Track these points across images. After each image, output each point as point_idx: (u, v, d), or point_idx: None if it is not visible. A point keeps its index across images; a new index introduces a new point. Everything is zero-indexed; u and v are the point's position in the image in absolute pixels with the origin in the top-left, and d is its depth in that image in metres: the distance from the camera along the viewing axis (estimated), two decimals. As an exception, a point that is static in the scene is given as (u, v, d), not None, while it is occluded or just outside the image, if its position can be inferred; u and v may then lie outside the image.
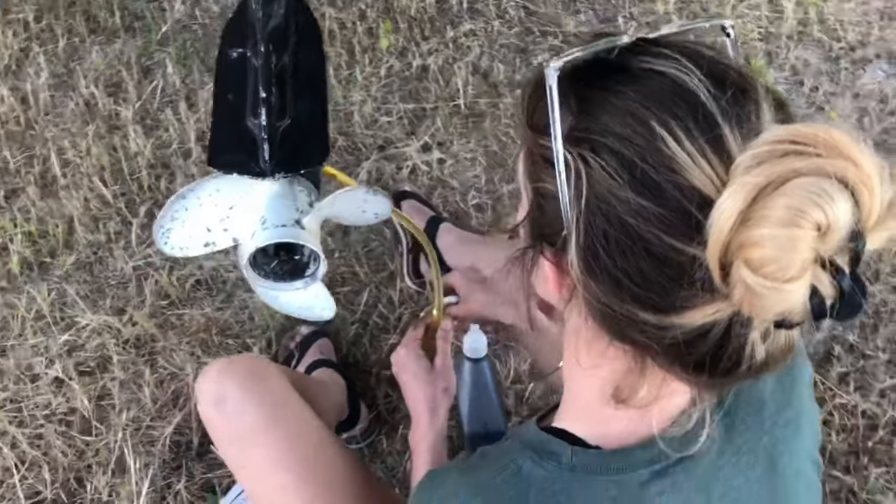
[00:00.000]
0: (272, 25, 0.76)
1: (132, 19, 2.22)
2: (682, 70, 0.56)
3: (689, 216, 0.52)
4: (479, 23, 2.23)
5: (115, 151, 1.89)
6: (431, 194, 1.84)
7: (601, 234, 0.56)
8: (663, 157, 0.54)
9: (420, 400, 1.07)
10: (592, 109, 0.57)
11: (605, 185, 0.55)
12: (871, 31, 2.20)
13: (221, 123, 0.81)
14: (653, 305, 0.55)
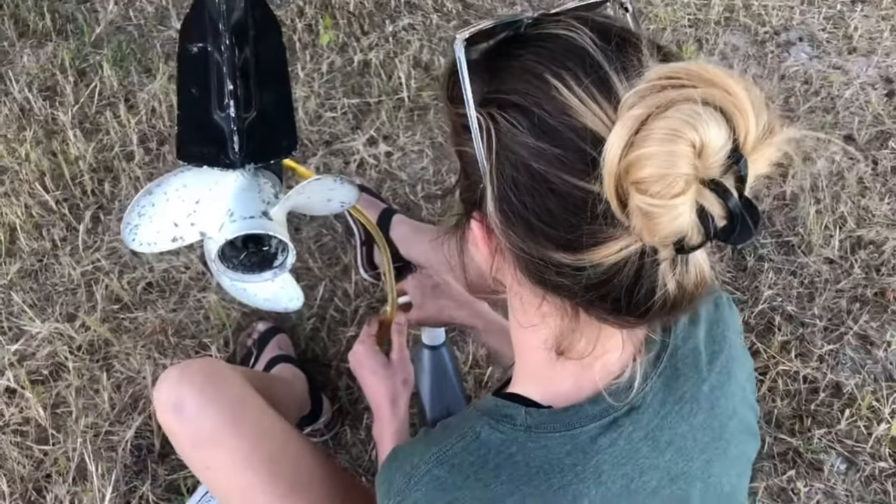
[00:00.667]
0: (234, 19, 0.77)
1: (63, 22, 2.17)
2: (571, 29, 0.61)
3: (585, 154, 0.57)
4: (418, 17, 2.25)
5: (55, 157, 1.85)
6: (381, 187, 1.85)
7: (510, 180, 0.60)
8: (557, 102, 0.59)
9: (380, 394, 1.09)
10: (499, 74, 0.63)
11: (510, 136, 0.60)
12: (794, 16, 2.30)
13: (187, 117, 0.82)
14: (563, 245, 0.60)
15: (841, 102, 2.06)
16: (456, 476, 0.68)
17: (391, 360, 1.12)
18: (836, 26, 2.27)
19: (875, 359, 1.60)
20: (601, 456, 0.69)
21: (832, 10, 2.32)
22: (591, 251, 0.59)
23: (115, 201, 1.80)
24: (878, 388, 1.54)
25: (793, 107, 2.07)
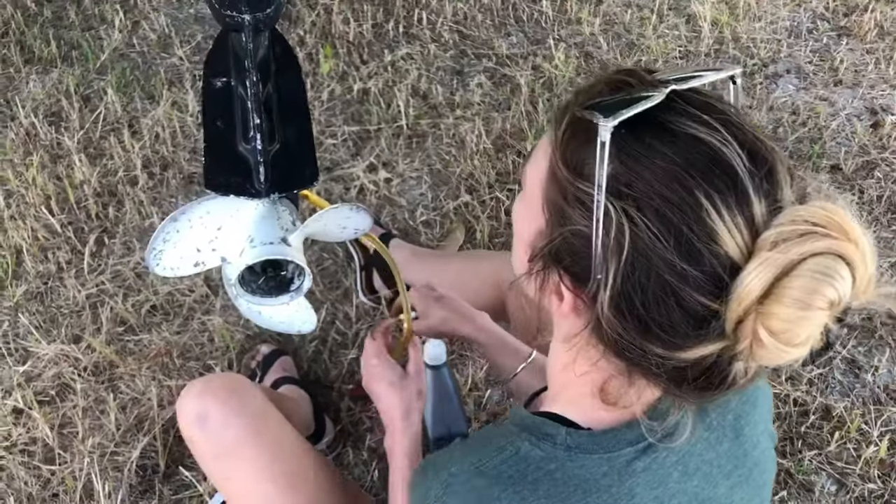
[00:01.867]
0: (259, 56, 0.82)
1: (69, 49, 2.21)
2: (720, 141, 0.62)
3: (721, 280, 0.60)
4: (416, 46, 2.31)
5: (60, 181, 1.88)
6: (380, 213, 1.90)
7: (638, 285, 0.62)
8: (706, 228, 0.60)
9: (394, 406, 1.11)
10: (635, 165, 0.62)
11: (650, 245, 0.61)
12: (781, 49, 2.37)
13: (213, 149, 0.85)
14: (667, 345, 0.63)
15: (828, 133, 2.13)
16: (494, 487, 0.71)
17: (407, 372, 1.14)
18: (822, 59, 2.34)
19: (863, 382, 1.64)
20: (635, 479, 0.72)
21: (818, 43, 2.39)
22: (687, 351, 0.63)
23: (118, 225, 1.83)
24: (867, 412, 1.59)
25: (781, 136, 2.14)
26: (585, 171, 0.63)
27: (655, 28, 2.38)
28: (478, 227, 1.87)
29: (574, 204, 0.64)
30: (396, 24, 2.35)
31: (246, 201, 0.88)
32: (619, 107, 0.62)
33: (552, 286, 0.69)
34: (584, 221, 0.63)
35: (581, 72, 2.27)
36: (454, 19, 2.40)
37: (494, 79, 2.24)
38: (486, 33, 2.37)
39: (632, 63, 2.27)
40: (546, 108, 2.14)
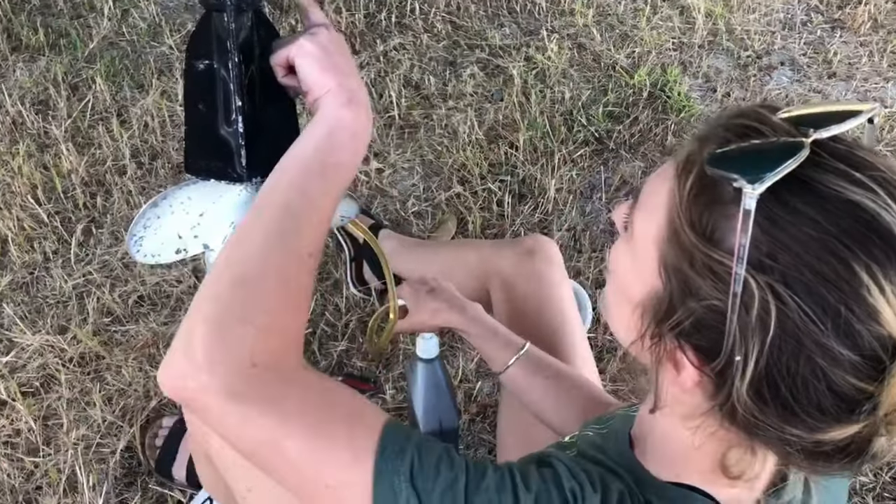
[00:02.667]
0: (241, 37, 0.80)
1: (56, 37, 2.19)
2: (878, 204, 0.54)
3: (880, 362, 0.54)
4: (408, 37, 2.29)
5: (48, 170, 1.86)
6: (372, 203, 1.88)
7: (786, 369, 0.55)
8: (867, 306, 0.53)
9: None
10: (779, 234, 0.54)
11: (802, 327, 0.54)
12: (775, 41, 2.36)
13: (194, 132, 0.84)
14: (813, 428, 0.56)
15: (821, 125, 2.12)
16: None
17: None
18: (816, 51, 2.33)
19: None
20: None
21: (812, 35, 2.38)
22: (829, 433, 0.56)
23: (106, 215, 1.81)
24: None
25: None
26: (717, 237, 0.55)
27: (649, 19, 2.37)
28: (469, 218, 1.85)
29: (705, 273, 0.56)
30: (389, 13, 2.33)
31: (228, 186, 0.86)
32: (757, 163, 0.53)
33: (671, 355, 0.61)
34: (717, 295, 0.55)
35: (574, 63, 2.25)
36: (447, 10, 2.38)
37: (487, 69, 2.23)
38: (478, 24, 2.36)
39: (625, 54, 2.26)
40: (538, 99, 2.13)
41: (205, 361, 0.64)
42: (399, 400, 1.54)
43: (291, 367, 0.68)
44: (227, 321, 0.66)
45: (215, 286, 0.68)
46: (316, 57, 0.78)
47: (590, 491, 0.64)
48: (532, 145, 2.02)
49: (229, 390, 0.64)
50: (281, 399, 0.65)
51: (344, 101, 0.75)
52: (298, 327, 0.70)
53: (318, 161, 0.73)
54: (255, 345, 0.65)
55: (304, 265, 0.70)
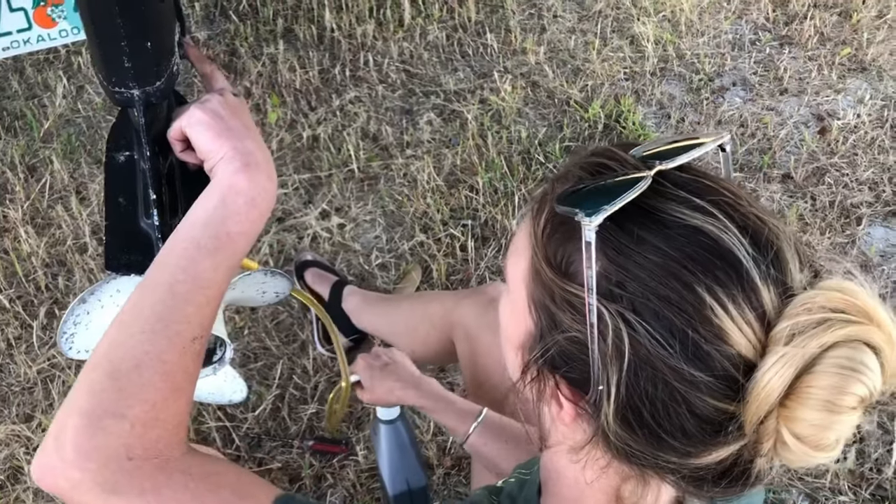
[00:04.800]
0: (155, 130, 0.80)
1: (12, 119, 2.20)
2: (718, 227, 0.55)
3: (735, 381, 0.54)
4: (364, 89, 2.31)
5: (7, 254, 1.85)
6: (335, 259, 1.88)
7: (646, 395, 0.56)
8: (713, 326, 0.54)
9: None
10: (625, 262, 0.56)
11: (654, 352, 0.55)
12: (725, 62, 2.38)
13: (114, 226, 0.83)
14: (681, 452, 0.57)
15: (777, 142, 2.14)
16: None
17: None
18: (767, 69, 2.36)
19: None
20: None
21: (761, 53, 2.41)
22: (703, 457, 0.57)
23: (69, 295, 1.80)
24: (834, 422, 1.57)
25: (734, 150, 2.14)
26: (571, 270, 0.57)
27: (600, 52, 2.39)
28: (434, 265, 1.85)
29: (564, 307, 0.58)
30: (343, 68, 2.35)
31: (156, 276, 0.85)
32: (600, 197, 0.55)
33: (549, 391, 0.62)
34: (576, 326, 0.57)
35: (529, 101, 2.27)
36: (400, 59, 2.41)
37: (443, 115, 2.24)
38: (433, 70, 2.38)
39: (578, 88, 2.28)
40: (495, 140, 2.14)
41: (76, 457, 0.62)
42: (371, 460, 1.52)
43: (172, 455, 0.66)
44: (101, 415, 0.64)
45: (91, 375, 0.66)
46: (206, 124, 0.74)
47: None
48: (492, 187, 2.03)
49: (103, 485, 0.63)
50: (160, 488, 0.64)
51: (238, 165, 0.72)
52: (180, 413, 0.68)
53: (210, 235, 0.69)
54: (131, 438, 0.64)
55: (186, 352, 0.68)
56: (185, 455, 0.67)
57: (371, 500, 1.50)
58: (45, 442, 0.65)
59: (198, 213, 0.71)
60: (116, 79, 0.77)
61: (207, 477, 0.67)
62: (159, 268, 0.70)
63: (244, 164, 0.72)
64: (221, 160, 0.72)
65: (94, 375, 0.66)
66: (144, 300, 0.69)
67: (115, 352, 0.67)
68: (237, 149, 0.72)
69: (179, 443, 0.67)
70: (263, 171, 0.73)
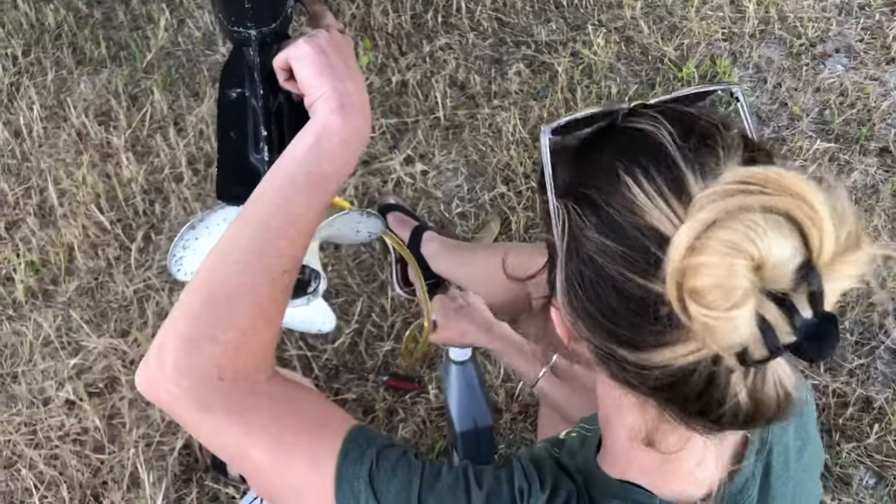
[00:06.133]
0: (268, 69, 0.84)
1: (117, 49, 2.28)
2: (654, 125, 0.60)
3: (649, 253, 0.56)
4: (454, 36, 2.31)
5: (110, 179, 1.95)
6: (416, 205, 1.92)
7: (577, 273, 0.61)
8: (625, 199, 0.58)
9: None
10: (585, 167, 0.63)
11: (579, 229, 0.60)
12: (830, 27, 2.30)
13: (226, 159, 0.89)
14: (626, 342, 0.59)
15: (877, 114, 2.06)
16: None
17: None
18: (874, 36, 2.27)
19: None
20: None
21: (870, 20, 2.31)
22: (654, 351, 0.57)
23: (165, 221, 1.89)
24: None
25: (827, 119, 2.08)
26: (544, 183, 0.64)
27: (699, 10, 2.33)
28: (513, 218, 1.87)
29: (544, 218, 0.66)
30: (436, 13, 2.36)
31: (261, 209, 0.90)
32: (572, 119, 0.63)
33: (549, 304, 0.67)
34: (550, 230, 0.64)
35: (622, 57, 2.24)
36: (493, 6, 2.39)
37: (533, 66, 2.23)
38: (525, 20, 2.36)
39: (674, 46, 2.24)
40: (584, 95, 2.13)
41: (174, 374, 0.68)
42: (441, 400, 1.58)
43: (260, 379, 0.71)
44: (197, 338, 0.69)
45: (189, 300, 0.71)
46: (311, 59, 0.76)
47: (537, 489, 0.68)
48: (577, 142, 2.02)
49: (197, 402, 0.68)
50: (247, 410, 0.69)
51: (335, 106, 0.74)
52: (268, 341, 0.73)
53: (304, 173, 0.73)
54: (223, 361, 0.68)
55: (277, 283, 0.72)
56: (272, 380, 0.72)
57: (439, 436, 1.56)
58: (148, 355, 0.71)
59: (294, 152, 0.75)
60: (235, 18, 0.81)
61: (290, 403, 0.72)
62: (256, 203, 0.74)
63: (340, 105, 0.74)
64: (320, 98, 0.75)
65: (193, 300, 0.71)
66: (241, 232, 0.73)
67: (213, 280, 0.72)
68: (336, 88, 0.75)
69: (266, 368, 0.72)
70: (359, 113, 0.75)
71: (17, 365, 1.66)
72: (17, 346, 1.68)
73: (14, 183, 1.96)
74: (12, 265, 1.79)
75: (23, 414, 1.58)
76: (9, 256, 1.81)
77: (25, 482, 1.49)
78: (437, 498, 0.68)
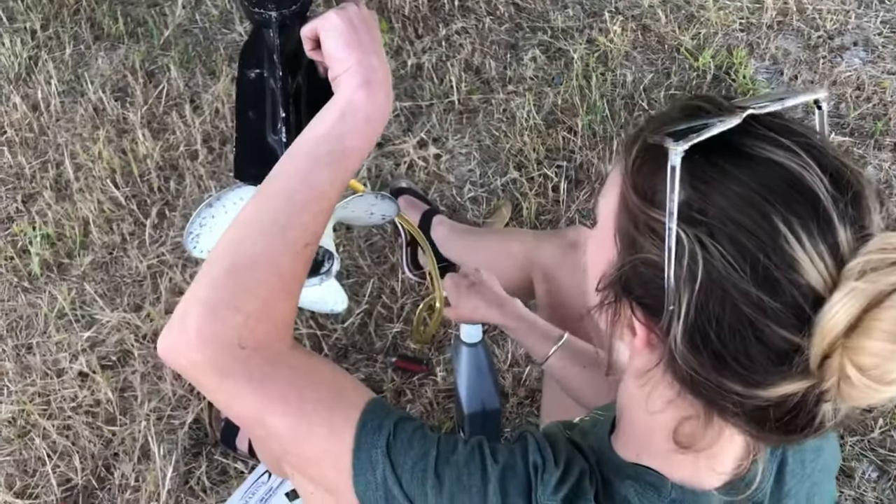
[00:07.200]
0: (287, 50, 0.85)
1: (135, 25, 2.29)
2: (801, 165, 0.58)
3: (803, 312, 0.56)
4: (471, 20, 2.31)
5: (125, 155, 1.97)
6: (428, 189, 1.93)
7: (713, 317, 0.58)
8: (785, 255, 0.56)
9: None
10: (708, 190, 0.59)
11: (725, 274, 0.57)
12: (849, 20, 2.28)
13: (244, 140, 0.90)
14: (746, 381, 0.59)
15: (893, 109, 2.06)
16: None
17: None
18: (893, 30, 2.25)
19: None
20: None
21: (890, 13, 2.30)
22: (768, 389, 0.58)
23: (179, 198, 1.91)
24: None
25: (842, 113, 2.07)
26: (657, 199, 0.60)
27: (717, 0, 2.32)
28: (524, 204, 1.88)
29: (645, 232, 0.61)
30: (452, -3, 2.36)
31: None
32: (690, 131, 0.59)
33: (625, 320, 0.66)
34: (655, 250, 0.60)
35: (638, 45, 2.24)
36: (510, -9, 2.39)
37: (549, 52, 2.23)
38: (542, 5, 2.36)
39: (690, 35, 2.23)
40: (599, 82, 2.13)
41: (196, 341, 0.69)
42: (449, 382, 1.59)
43: (279, 349, 0.72)
44: (219, 306, 0.70)
45: (212, 269, 0.72)
46: (340, 31, 0.76)
47: (551, 465, 0.69)
48: (591, 130, 2.03)
49: (218, 369, 0.69)
50: (266, 379, 0.70)
51: (360, 81, 0.74)
52: (288, 312, 0.74)
53: (327, 149, 0.73)
54: (244, 330, 0.69)
55: (299, 256, 0.73)
56: (292, 351, 0.74)
57: (446, 418, 1.57)
58: (170, 323, 0.72)
59: (318, 127, 0.75)
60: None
61: (309, 374, 0.73)
62: (279, 177, 0.75)
63: (365, 81, 0.74)
64: (346, 72, 0.75)
65: (215, 270, 0.72)
66: (264, 205, 0.74)
67: (235, 250, 0.73)
68: (362, 63, 0.75)
69: (286, 338, 0.73)
70: (382, 89, 0.75)
71: (31, 336, 1.68)
72: (31, 317, 1.70)
73: (31, 156, 1.98)
74: (28, 238, 1.82)
75: (37, 384, 1.60)
76: (25, 229, 1.83)
77: (39, 451, 1.52)
78: (453, 470, 0.69)
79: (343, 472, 0.70)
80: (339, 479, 0.70)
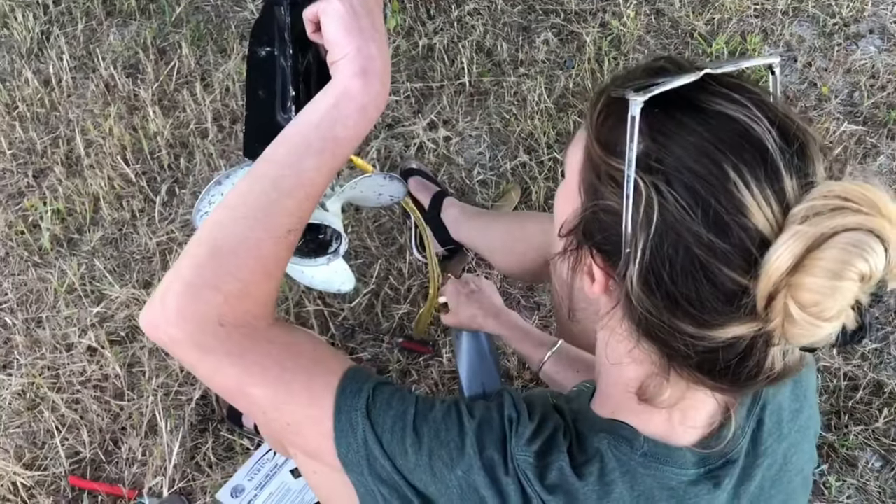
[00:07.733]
0: (298, 29, 0.85)
1: (147, 1, 2.29)
2: (751, 118, 0.62)
3: (750, 254, 0.59)
4: (483, 2, 2.30)
5: (136, 131, 1.97)
6: (438, 171, 1.92)
7: (667, 259, 0.61)
8: (734, 200, 0.60)
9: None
10: (666, 141, 0.62)
11: (679, 218, 0.61)
12: (865, 7, 2.26)
13: (253, 117, 0.90)
14: (696, 321, 0.62)
15: (907, 98, 2.04)
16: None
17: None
18: (910, 19, 2.23)
19: (920, 360, 1.61)
20: (695, 500, 0.72)
21: (906, 1, 2.27)
22: (719, 330, 0.61)
23: (189, 176, 1.91)
24: (920, 390, 1.56)
25: (856, 101, 2.06)
26: (618, 150, 0.63)
27: (732, -16, 2.30)
28: (534, 188, 1.88)
29: (606, 181, 0.64)
30: (465, -22, 2.34)
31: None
32: (650, 85, 0.62)
33: (585, 267, 0.69)
34: (615, 198, 0.63)
35: (651, 30, 2.22)
36: (524, -26, 2.37)
37: (561, 35, 2.22)
38: (555, -12, 2.34)
39: (704, 21, 2.21)
40: (611, 66, 2.11)
41: (176, 318, 0.71)
42: (453, 364, 1.60)
43: (259, 326, 0.74)
44: (200, 285, 0.71)
45: (196, 249, 0.73)
46: (340, 15, 0.74)
47: (525, 419, 0.71)
48: (601, 114, 2.02)
49: (198, 345, 0.71)
50: (246, 353, 0.72)
51: (357, 69, 0.73)
52: (270, 291, 0.75)
53: (319, 136, 0.73)
54: (224, 308, 0.71)
55: (281, 241, 0.74)
56: (272, 326, 0.75)
57: (451, 400, 1.58)
58: (152, 298, 0.73)
59: (310, 114, 0.75)
60: (268, -23, 0.82)
61: (288, 346, 0.75)
62: (268, 160, 0.75)
63: (362, 69, 0.73)
64: (344, 59, 0.74)
65: (199, 251, 0.73)
66: (251, 189, 0.74)
67: (220, 232, 0.73)
68: (361, 50, 0.74)
69: (266, 316, 0.75)
70: (379, 79, 0.74)
71: (41, 311, 1.69)
72: (42, 292, 1.72)
73: (42, 132, 1.98)
74: (39, 213, 1.83)
75: (46, 358, 1.62)
76: (36, 204, 1.84)
77: (48, 424, 1.53)
78: (431, 427, 0.71)
79: (325, 436, 0.72)
80: (322, 443, 0.72)
